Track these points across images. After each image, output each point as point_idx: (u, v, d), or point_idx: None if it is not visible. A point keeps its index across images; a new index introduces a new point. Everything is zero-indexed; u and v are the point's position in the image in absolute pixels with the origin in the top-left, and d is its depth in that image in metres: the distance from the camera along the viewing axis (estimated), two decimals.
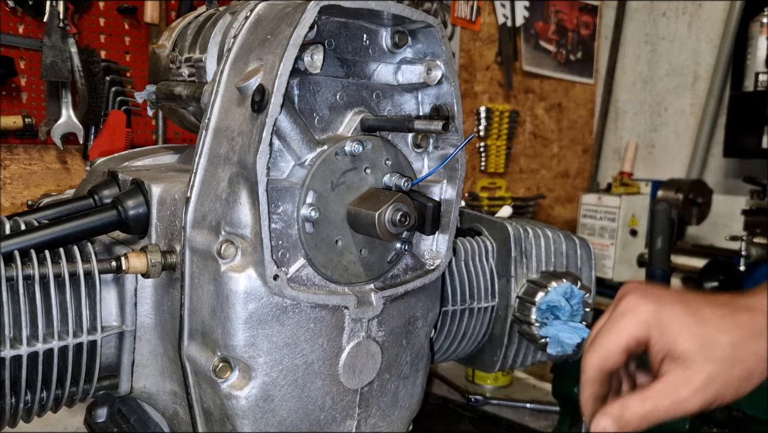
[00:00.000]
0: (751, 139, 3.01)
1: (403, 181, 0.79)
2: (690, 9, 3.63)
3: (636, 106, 3.92)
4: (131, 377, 0.88)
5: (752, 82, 3.01)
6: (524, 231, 1.10)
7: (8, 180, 2.06)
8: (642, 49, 3.88)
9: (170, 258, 0.79)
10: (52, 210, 0.90)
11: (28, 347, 0.75)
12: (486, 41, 3.40)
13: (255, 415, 0.77)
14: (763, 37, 2.97)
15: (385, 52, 0.83)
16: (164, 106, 1.02)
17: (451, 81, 0.83)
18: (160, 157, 1.09)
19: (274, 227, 0.73)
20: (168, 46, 1.00)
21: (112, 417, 1.05)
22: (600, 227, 3.25)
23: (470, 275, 1.06)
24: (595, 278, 1.17)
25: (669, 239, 1.50)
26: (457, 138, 0.84)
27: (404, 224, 0.74)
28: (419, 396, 0.95)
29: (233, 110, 0.75)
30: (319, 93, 0.78)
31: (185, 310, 0.79)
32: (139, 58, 2.23)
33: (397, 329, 0.86)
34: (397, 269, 0.85)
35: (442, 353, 1.08)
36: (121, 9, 2.16)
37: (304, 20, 0.70)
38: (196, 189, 0.78)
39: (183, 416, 0.87)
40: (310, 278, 0.77)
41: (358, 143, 0.76)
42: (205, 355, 0.77)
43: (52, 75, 1.97)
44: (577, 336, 1.03)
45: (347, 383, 0.82)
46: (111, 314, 0.85)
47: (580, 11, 3.86)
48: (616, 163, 3.99)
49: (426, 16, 0.79)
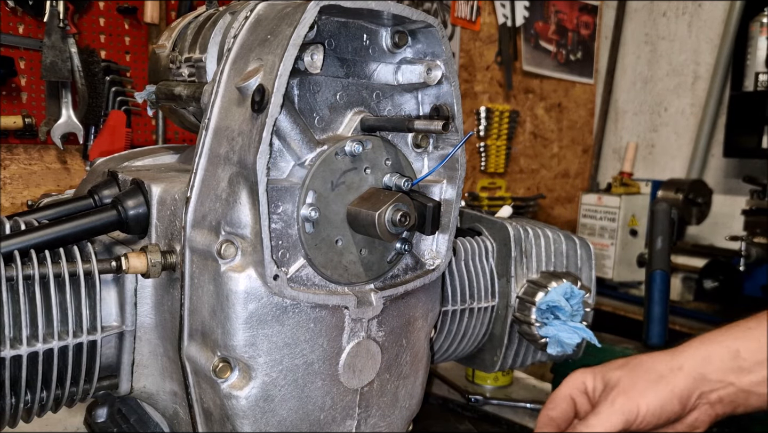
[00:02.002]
0: (751, 139, 3.02)
1: (403, 181, 0.79)
2: (690, 9, 3.63)
3: (636, 106, 3.93)
4: (131, 377, 0.88)
5: (752, 82, 3.01)
6: (524, 231, 1.10)
7: (8, 180, 2.06)
8: (642, 49, 3.88)
9: (170, 258, 0.79)
10: (52, 210, 0.90)
11: (28, 347, 0.75)
12: (486, 41, 3.40)
13: (255, 415, 0.77)
14: (763, 37, 2.97)
15: (385, 52, 0.83)
16: (164, 106, 1.02)
17: (451, 81, 0.83)
18: (160, 157, 1.09)
19: (274, 226, 0.73)
20: (168, 46, 1.00)
21: (112, 417, 1.05)
22: (600, 227, 3.25)
23: (470, 275, 1.06)
24: (595, 278, 1.17)
25: (669, 239, 1.51)
26: (457, 138, 0.84)
27: (404, 224, 0.74)
28: (419, 396, 0.95)
29: (233, 110, 0.75)
30: (319, 93, 0.78)
31: (185, 310, 0.79)
32: (139, 58, 2.23)
33: (397, 329, 0.86)
34: (397, 269, 0.85)
35: (442, 353, 1.08)
36: (121, 9, 2.17)
37: (304, 20, 0.70)
38: (196, 189, 0.78)
39: (183, 416, 0.87)
40: (310, 278, 0.77)
41: (358, 143, 0.76)
42: (205, 355, 0.77)
43: (52, 75, 1.97)
44: (577, 336, 1.03)
45: (347, 383, 0.82)
46: (111, 314, 0.85)
47: (580, 11, 3.86)
48: (616, 163, 3.99)
49: (426, 16, 0.79)
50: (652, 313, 1.47)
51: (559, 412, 0.83)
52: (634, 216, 3.20)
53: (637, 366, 0.80)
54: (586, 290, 1.08)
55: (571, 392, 0.84)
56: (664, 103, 3.78)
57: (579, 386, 0.84)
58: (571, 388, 0.84)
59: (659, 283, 1.48)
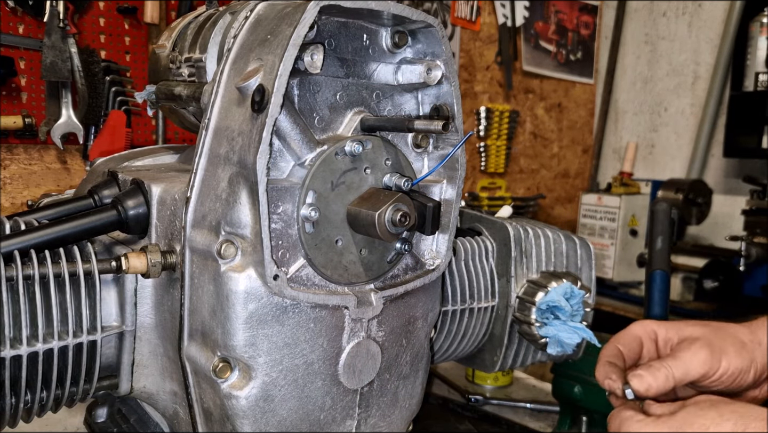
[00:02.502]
0: (751, 139, 3.02)
1: (403, 181, 0.79)
2: (690, 9, 3.63)
3: (636, 106, 3.93)
4: (131, 377, 0.88)
5: (752, 82, 3.01)
6: (524, 231, 1.10)
7: (8, 180, 2.06)
8: (642, 49, 3.88)
9: (170, 258, 0.79)
10: (52, 210, 0.90)
11: (28, 347, 0.75)
12: (486, 41, 3.40)
13: (255, 415, 0.77)
14: (763, 37, 2.97)
15: (385, 52, 0.83)
16: (164, 106, 1.02)
17: (451, 81, 0.83)
18: (160, 157, 1.09)
19: (274, 226, 0.73)
20: (168, 46, 1.00)
21: (112, 417, 1.05)
22: (600, 227, 3.25)
23: (470, 275, 1.06)
24: (595, 278, 1.17)
25: (669, 239, 1.50)
26: (457, 138, 0.84)
27: (404, 224, 0.74)
28: (419, 396, 0.95)
29: (233, 110, 0.75)
30: (319, 93, 0.78)
31: (185, 310, 0.79)
32: (139, 58, 2.23)
33: (397, 329, 0.86)
34: (397, 269, 0.85)
35: (442, 353, 1.08)
36: (121, 9, 2.16)
37: (304, 20, 0.70)
38: (196, 189, 0.78)
39: (183, 416, 0.87)
40: (310, 278, 0.77)
41: (358, 143, 0.76)
42: (205, 355, 0.77)
43: (52, 75, 1.97)
44: (577, 336, 1.03)
45: (347, 383, 0.82)
46: (111, 314, 0.85)
47: (580, 11, 3.86)
48: (616, 163, 3.99)
49: (426, 16, 0.79)
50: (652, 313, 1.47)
51: (627, 349, 0.84)
52: (634, 216, 3.20)
53: (720, 329, 0.82)
54: (586, 290, 1.08)
55: (642, 335, 0.85)
56: (664, 103, 3.78)
57: (649, 333, 0.85)
58: (641, 331, 0.85)
59: (659, 283, 1.48)
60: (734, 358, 0.78)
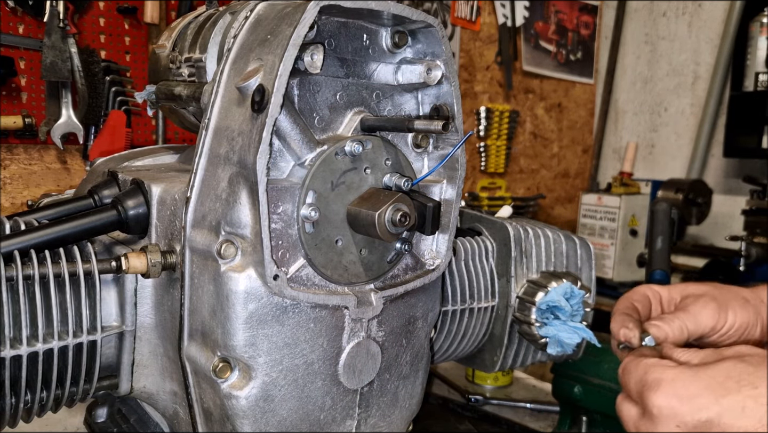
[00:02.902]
0: (751, 139, 3.02)
1: (403, 181, 0.79)
2: (690, 9, 3.63)
3: (636, 106, 3.93)
4: (131, 377, 0.88)
5: (752, 82, 3.01)
6: (524, 231, 1.10)
7: (8, 180, 2.06)
8: (642, 49, 3.88)
9: (170, 258, 0.79)
10: (52, 210, 0.90)
11: (28, 347, 0.75)
12: (486, 41, 3.41)
13: (255, 415, 0.77)
14: (763, 37, 2.97)
15: (385, 52, 0.83)
16: (164, 106, 1.02)
17: (451, 81, 0.83)
18: (160, 157, 1.09)
19: (274, 226, 0.73)
20: (168, 46, 1.00)
21: (112, 417, 1.05)
22: (600, 227, 3.25)
23: (470, 275, 1.06)
24: (595, 278, 1.17)
25: (669, 239, 1.51)
26: (457, 138, 0.84)
27: (404, 224, 0.74)
28: (419, 396, 0.95)
29: (233, 110, 0.75)
30: (319, 93, 0.78)
31: (185, 310, 0.79)
32: (139, 58, 2.23)
33: (397, 329, 0.86)
34: (397, 269, 0.85)
35: (442, 353, 1.08)
36: (121, 9, 2.16)
37: (304, 20, 0.70)
38: (196, 189, 0.78)
39: (183, 416, 0.87)
40: (310, 278, 0.77)
41: (358, 143, 0.76)
42: (205, 355, 0.77)
43: (52, 75, 1.97)
44: (577, 336, 1.03)
45: (347, 383, 0.82)
46: (111, 314, 0.85)
47: (580, 11, 3.86)
48: (616, 163, 3.99)
49: (426, 16, 0.79)
50: None
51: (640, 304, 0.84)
52: (634, 216, 3.20)
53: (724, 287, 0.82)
54: (586, 290, 1.08)
55: (649, 294, 0.85)
56: (664, 103, 3.78)
57: (654, 294, 0.85)
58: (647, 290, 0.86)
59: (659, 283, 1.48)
60: (740, 311, 0.79)
